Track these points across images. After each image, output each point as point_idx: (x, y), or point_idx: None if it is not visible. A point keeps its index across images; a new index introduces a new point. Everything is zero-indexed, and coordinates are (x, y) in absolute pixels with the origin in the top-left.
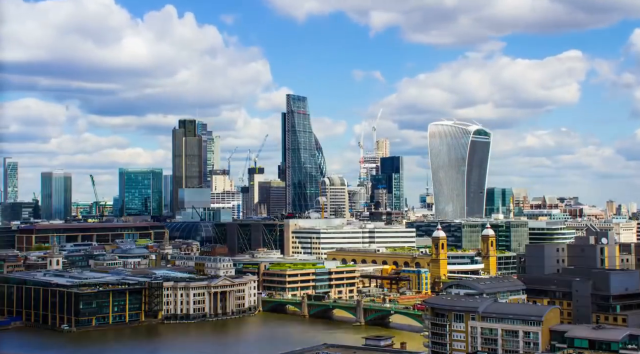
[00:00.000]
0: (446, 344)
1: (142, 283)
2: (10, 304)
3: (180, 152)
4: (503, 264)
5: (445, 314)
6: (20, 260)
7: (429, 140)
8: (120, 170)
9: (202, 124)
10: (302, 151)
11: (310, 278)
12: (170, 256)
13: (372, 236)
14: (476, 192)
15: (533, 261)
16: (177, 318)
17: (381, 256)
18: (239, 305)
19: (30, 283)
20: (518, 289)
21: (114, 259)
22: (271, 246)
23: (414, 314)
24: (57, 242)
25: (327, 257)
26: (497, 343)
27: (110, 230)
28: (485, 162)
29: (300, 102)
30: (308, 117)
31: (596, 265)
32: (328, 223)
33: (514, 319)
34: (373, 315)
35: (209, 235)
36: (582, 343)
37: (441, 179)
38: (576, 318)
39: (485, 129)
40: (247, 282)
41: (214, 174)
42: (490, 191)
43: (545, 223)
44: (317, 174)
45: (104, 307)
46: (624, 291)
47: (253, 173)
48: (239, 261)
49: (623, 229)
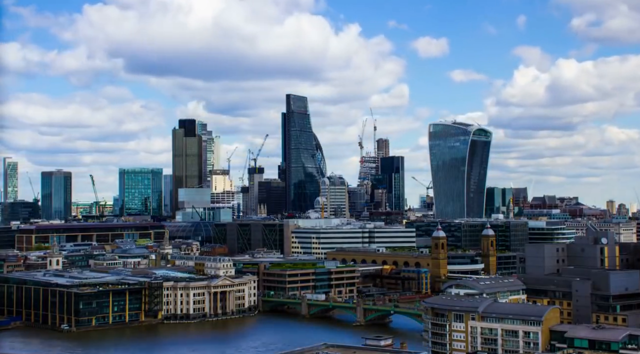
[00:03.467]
0: (446, 344)
1: (142, 283)
2: (10, 304)
3: (180, 152)
4: (503, 264)
5: (445, 314)
6: (20, 260)
7: (429, 140)
8: (120, 170)
9: (202, 124)
10: (302, 151)
11: (310, 278)
12: (170, 256)
13: (372, 236)
14: (476, 192)
15: (533, 261)
16: (177, 317)
17: (381, 256)
18: (238, 305)
19: (30, 283)
20: (518, 289)
21: (114, 259)
22: (271, 246)
23: (414, 314)
24: (57, 242)
25: (327, 257)
26: (497, 343)
27: (110, 230)
28: (485, 162)
29: (300, 102)
30: (308, 117)
31: (596, 265)
32: (328, 223)
33: (514, 319)
34: (373, 315)
35: (209, 235)
36: (582, 343)
37: (441, 179)
38: (576, 318)
39: (486, 129)
40: (247, 282)
41: (214, 174)
42: (490, 191)
43: (545, 223)
44: (317, 174)
45: (104, 307)
46: (624, 291)
47: (253, 173)
48: (238, 261)
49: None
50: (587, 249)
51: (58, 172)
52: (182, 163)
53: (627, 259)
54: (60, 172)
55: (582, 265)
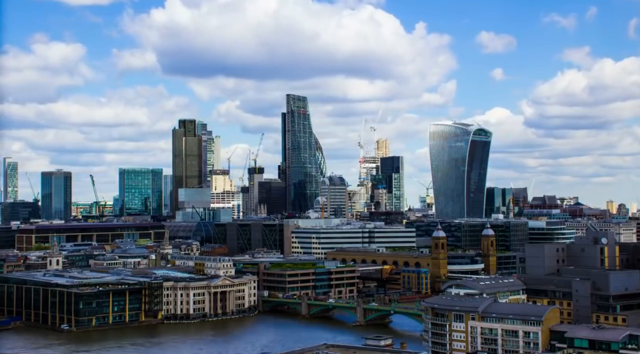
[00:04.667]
0: (446, 344)
1: (142, 283)
2: (10, 304)
3: (180, 152)
4: (503, 264)
5: (445, 314)
6: (20, 260)
7: (429, 140)
8: (120, 170)
9: (202, 123)
10: (302, 151)
11: (310, 278)
12: (170, 256)
13: (372, 236)
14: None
15: (533, 261)
16: (177, 317)
17: (381, 256)
18: (238, 305)
19: (30, 283)
20: (518, 289)
21: (113, 259)
22: (271, 246)
23: (414, 314)
24: (57, 242)
25: (327, 257)
26: (497, 343)
27: (110, 230)
28: (485, 162)
29: (300, 102)
30: (308, 117)
31: (596, 265)
32: (327, 223)
33: (514, 319)
34: (373, 315)
35: (209, 235)
36: (582, 343)
37: (441, 179)
38: (576, 318)
39: (486, 129)
40: (247, 282)
41: (214, 174)
42: (490, 191)
43: (545, 223)
44: (317, 174)
45: (104, 307)
46: (624, 291)
47: (253, 173)
48: (238, 261)
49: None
50: (587, 249)
51: (58, 172)
52: (182, 163)
53: (627, 259)
54: (60, 172)
55: (582, 265)
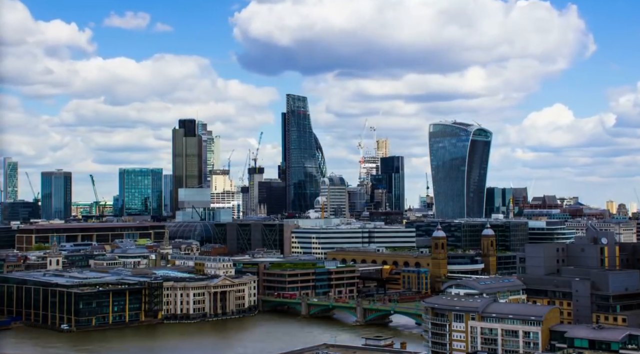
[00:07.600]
0: (446, 344)
1: (142, 282)
2: (10, 304)
3: (180, 152)
4: (503, 264)
5: (445, 314)
6: (20, 260)
7: (429, 140)
8: (120, 170)
9: (202, 123)
10: (302, 151)
11: (310, 278)
12: (170, 256)
13: (372, 235)
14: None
15: (533, 261)
16: (177, 317)
17: (381, 256)
18: (238, 305)
19: (30, 283)
20: (518, 289)
21: (113, 259)
22: (271, 246)
23: (414, 314)
24: (57, 242)
25: (327, 257)
26: (497, 343)
27: (110, 230)
28: (485, 162)
29: (300, 102)
30: (308, 117)
31: (596, 265)
32: (327, 223)
33: (514, 319)
34: (373, 315)
35: (209, 235)
36: (582, 343)
37: (441, 179)
38: (576, 318)
39: (486, 129)
40: (247, 282)
41: (214, 174)
42: (490, 191)
43: (545, 223)
44: (317, 174)
45: (104, 307)
46: (624, 291)
47: (253, 173)
48: (238, 261)
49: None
50: (587, 249)
51: (58, 173)
52: (182, 163)
53: (627, 259)
54: (60, 172)
55: (582, 265)
